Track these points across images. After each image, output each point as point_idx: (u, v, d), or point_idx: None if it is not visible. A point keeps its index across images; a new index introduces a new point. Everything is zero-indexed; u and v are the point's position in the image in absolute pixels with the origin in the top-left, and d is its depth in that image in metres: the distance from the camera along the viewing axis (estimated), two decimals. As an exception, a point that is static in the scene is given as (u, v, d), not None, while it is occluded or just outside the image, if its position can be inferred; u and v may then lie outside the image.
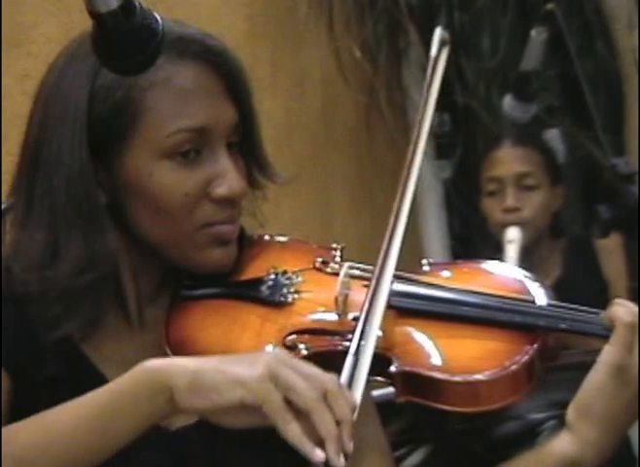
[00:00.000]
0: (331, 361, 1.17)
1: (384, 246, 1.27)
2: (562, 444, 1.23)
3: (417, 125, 1.38)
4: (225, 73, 1.26)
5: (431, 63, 1.44)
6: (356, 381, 1.15)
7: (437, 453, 1.44)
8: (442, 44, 1.46)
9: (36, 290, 1.22)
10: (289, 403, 1.06)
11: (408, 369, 1.20)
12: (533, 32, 2.24)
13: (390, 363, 1.21)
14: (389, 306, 1.26)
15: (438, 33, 1.46)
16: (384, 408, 1.32)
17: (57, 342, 1.24)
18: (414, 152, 1.36)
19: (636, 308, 1.22)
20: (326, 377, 1.09)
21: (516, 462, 1.27)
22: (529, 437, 1.52)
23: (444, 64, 1.44)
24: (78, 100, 1.23)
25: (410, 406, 1.24)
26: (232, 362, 1.10)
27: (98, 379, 1.25)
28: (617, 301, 1.25)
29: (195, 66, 1.24)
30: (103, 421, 1.10)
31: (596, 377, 1.21)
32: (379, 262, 1.26)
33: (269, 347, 1.23)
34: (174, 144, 1.23)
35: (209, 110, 1.24)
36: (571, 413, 1.23)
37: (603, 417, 1.21)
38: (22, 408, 1.22)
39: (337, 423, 1.07)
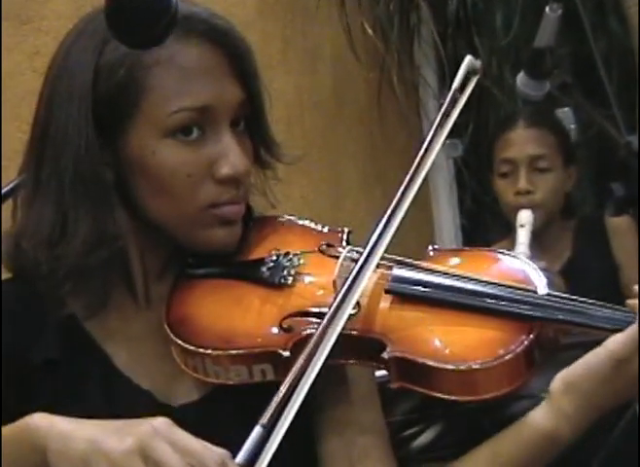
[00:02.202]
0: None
1: (372, 241, 1.21)
2: (539, 414, 1.22)
3: (421, 155, 1.29)
4: (230, 53, 1.25)
5: (451, 94, 1.33)
6: (261, 459, 1.00)
7: (448, 432, 1.44)
8: (470, 73, 1.36)
9: (46, 268, 1.22)
10: None
11: (399, 355, 1.19)
12: (547, 9, 2.22)
13: (384, 348, 1.20)
14: (387, 291, 1.25)
15: (467, 61, 1.36)
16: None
17: (61, 320, 1.24)
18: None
19: None
20: (208, 454, 0.99)
21: (503, 433, 1.25)
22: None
23: (469, 94, 1.33)
24: (84, 77, 1.22)
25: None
26: (108, 431, 1.04)
27: (99, 357, 1.26)
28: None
29: (199, 45, 1.23)
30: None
31: (595, 361, 1.19)
32: (365, 252, 1.21)
33: (274, 329, 1.23)
34: (176, 123, 1.22)
35: (212, 89, 1.23)
36: (557, 383, 1.22)
37: (587, 398, 1.20)
38: (24, 389, 1.22)
39: None
